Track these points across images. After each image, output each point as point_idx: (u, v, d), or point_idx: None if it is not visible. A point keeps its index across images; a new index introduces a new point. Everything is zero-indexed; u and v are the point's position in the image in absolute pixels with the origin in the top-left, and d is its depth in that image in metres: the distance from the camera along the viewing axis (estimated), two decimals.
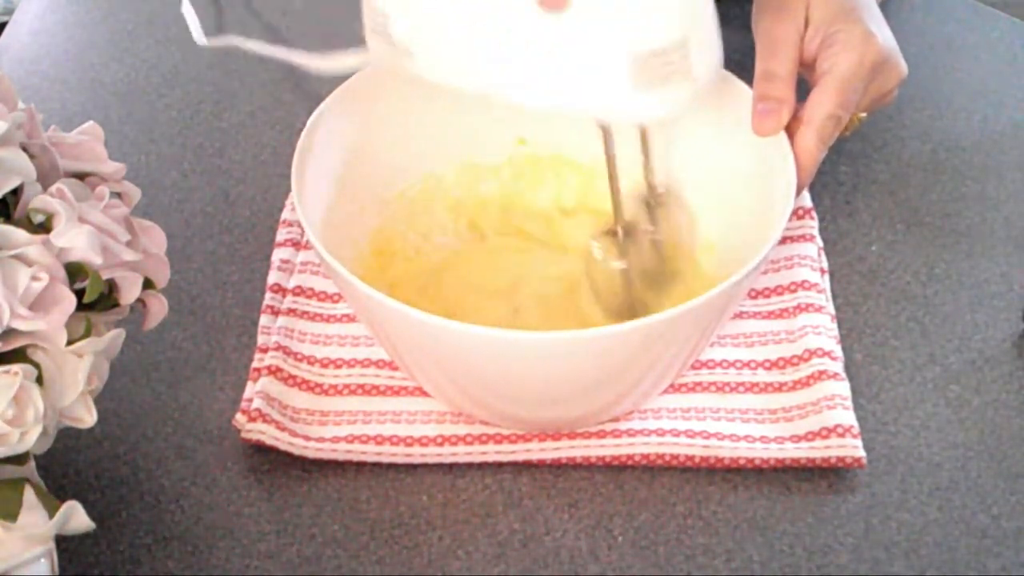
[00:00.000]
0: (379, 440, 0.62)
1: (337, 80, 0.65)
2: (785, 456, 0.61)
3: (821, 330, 0.66)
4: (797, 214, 0.72)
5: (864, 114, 0.68)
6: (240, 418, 0.63)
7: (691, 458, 0.61)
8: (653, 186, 0.65)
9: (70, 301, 0.52)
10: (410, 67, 0.60)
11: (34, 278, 0.51)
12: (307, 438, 0.62)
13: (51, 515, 0.51)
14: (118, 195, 0.58)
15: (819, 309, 0.67)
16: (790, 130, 0.63)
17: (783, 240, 0.70)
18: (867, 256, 0.72)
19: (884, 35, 0.66)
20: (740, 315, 0.68)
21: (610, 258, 0.64)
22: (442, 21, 0.58)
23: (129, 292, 0.56)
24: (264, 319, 0.68)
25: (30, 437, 0.50)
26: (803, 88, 0.65)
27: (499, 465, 0.62)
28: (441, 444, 0.62)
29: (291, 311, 0.68)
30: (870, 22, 0.66)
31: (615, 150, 0.61)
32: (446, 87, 0.60)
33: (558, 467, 0.62)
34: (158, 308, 0.59)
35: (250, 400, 0.64)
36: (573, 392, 0.59)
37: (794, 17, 0.66)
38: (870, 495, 0.61)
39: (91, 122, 0.60)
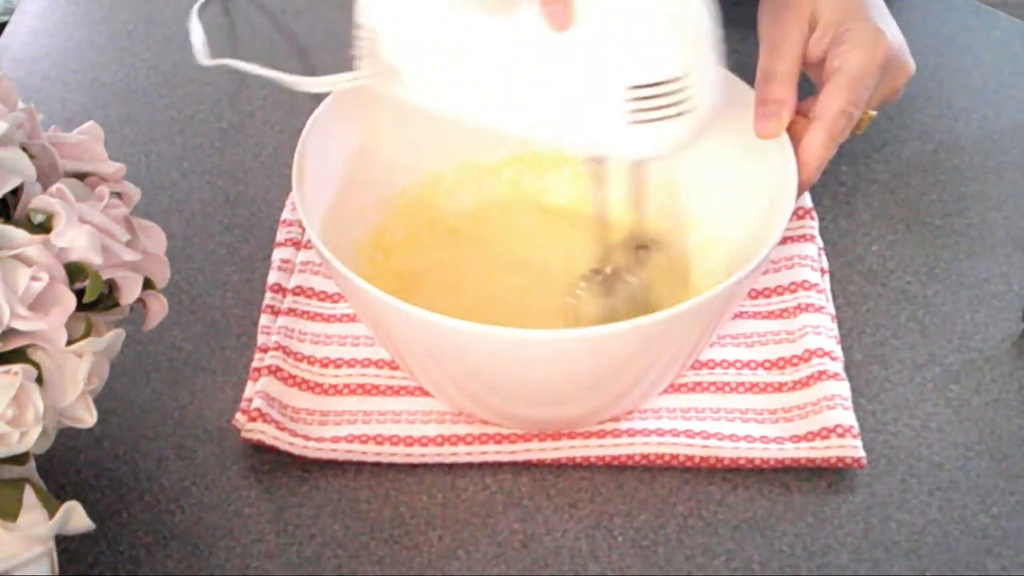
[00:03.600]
0: (379, 440, 0.62)
1: (343, 70, 0.65)
2: (785, 456, 0.61)
3: (821, 330, 0.66)
4: (797, 214, 0.72)
5: (874, 112, 0.68)
6: (240, 418, 0.63)
7: (691, 458, 0.61)
8: (644, 229, 0.64)
9: (70, 301, 0.52)
10: (399, 91, 0.60)
11: (34, 278, 0.51)
12: (307, 438, 0.62)
13: (51, 515, 0.51)
14: (118, 195, 0.58)
15: (819, 309, 0.67)
16: (798, 128, 0.63)
17: (783, 240, 0.70)
18: (867, 256, 0.72)
19: (893, 32, 0.66)
20: (740, 315, 0.68)
21: (593, 299, 0.64)
22: (433, 42, 0.58)
23: (129, 292, 0.56)
24: (264, 319, 0.68)
25: (30, 437, 0.50)
26: (806, 88, 0.66)
27: (499, 465, 0.62)
28: (441, 444, 0.62)
29: (291, 311, 0.68)
30: (879, 20, 0.66)
31: (606, 191, 0.60)
32: (437, 113, 0.59)
33: (558, 467, 0.62)
34: (158, 308, 0.59)
35: (250, 400, 0.64)
36: (573, 391, 0.59)
37: (798, 17, 0.66)
38: (870, 495, 0.61)
39: (91, 122, 0.60)
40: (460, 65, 0.57)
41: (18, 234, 0.51)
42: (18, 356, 0.51)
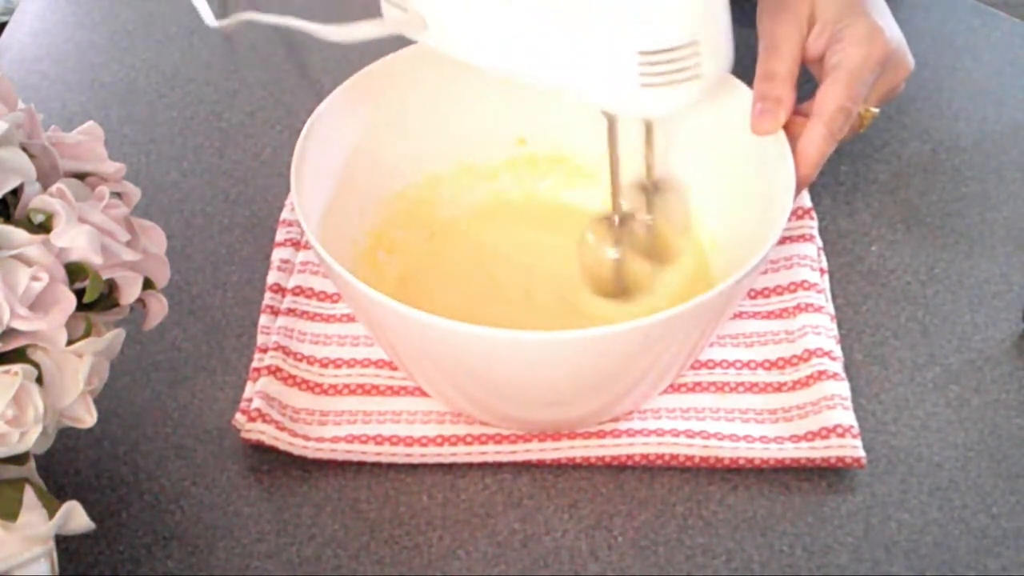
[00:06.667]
0: (379, 440, 0.62)
1: (342, 70, 0.65)
2: (785, 456, 0.61)
3: (821, 330, 0.66)
4: (797, 214, 0.72)
5: (876, 109, 0.68)
6: (240, 418, 0.63)
7: (691, 458, 0.61)
8: (652, 173, 0.65)
9: (70, 301, 0.52)
10: (424, 38, 0.61)
11: (34, 278, 0.51)
12: (307, 438, 0.62)
13: (51, 515, 0.51)
14: (118, 195, 0.58)
15: (819, 309, 0.67)
16: (796, 128, 0.63)
17: (783, 240, 0.70)
18: (867, 256, 0.72)
19: (891, 29, 0.66)
20: (740, 315, 0.68)
21: (603, 245, 0.64)
22: None
23: (129, 292, 0.56)
24: (264, 319, 0.68)
25: (30, 437, 0.50)
26: (807, 89, 0.66)
27: (499, 465, 0.62)
28: (441, 444, 0.62)
29: (291, 311, 0.68)
30: (877, 16, 0.66)
31: (618, 139, 0.61)
32: (458, 60, 0.60)
33: (558, 467, 0.62)
34: (158, 308, 0.59)
35: (250, 400, 0.64)
36: (573, 392, 0.59)
37: (796, 16, 0.66)
38: (870, 495, 0.61)
39: (91, 122, 0.60)
40: (485, 17, 0.58)
41: (18, 234, 0.51)
42: (18, 356, 0.51)
